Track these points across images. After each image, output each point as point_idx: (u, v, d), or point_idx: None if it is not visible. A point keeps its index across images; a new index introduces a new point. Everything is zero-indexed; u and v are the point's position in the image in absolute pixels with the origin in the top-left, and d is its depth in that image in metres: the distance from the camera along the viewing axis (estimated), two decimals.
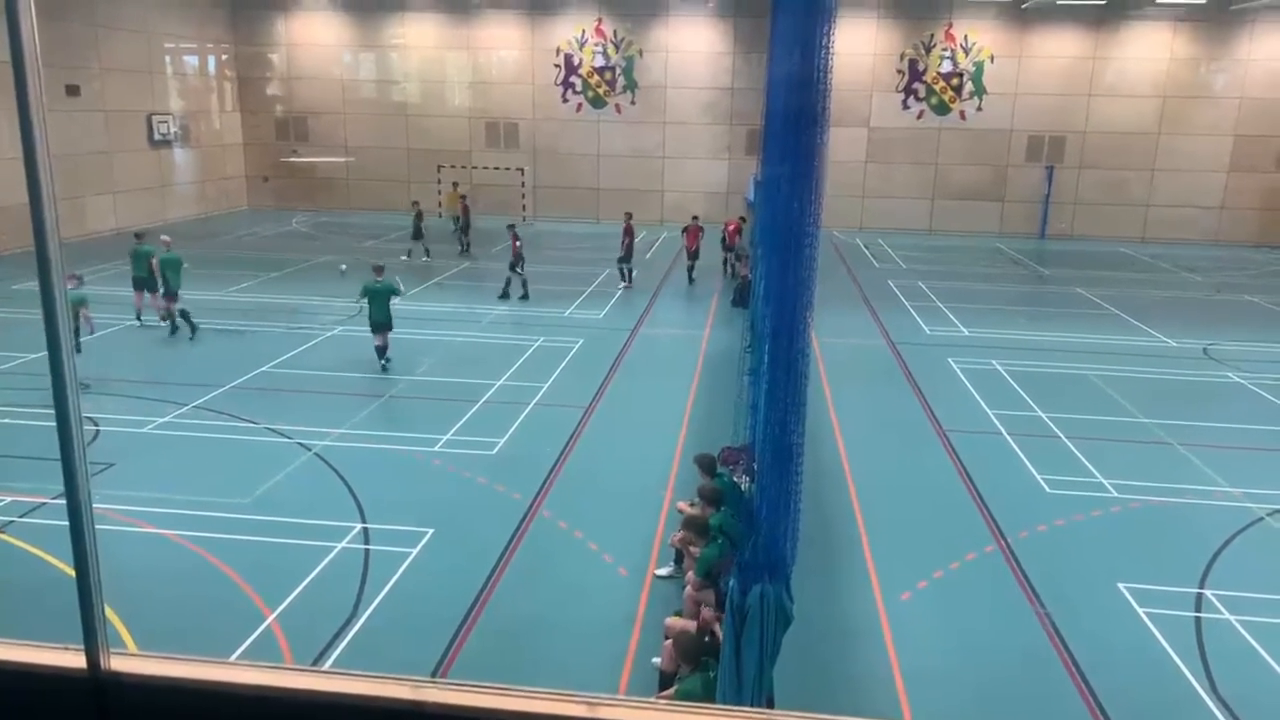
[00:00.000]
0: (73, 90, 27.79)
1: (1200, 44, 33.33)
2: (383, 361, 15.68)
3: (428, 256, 25.92)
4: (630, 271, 24.01)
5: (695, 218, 25.34)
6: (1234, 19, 32.72)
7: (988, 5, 33.66)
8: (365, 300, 15.58)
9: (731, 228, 25.30)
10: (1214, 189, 34.32)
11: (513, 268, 21.47)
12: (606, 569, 9.44)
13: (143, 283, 18.31)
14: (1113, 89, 33.92)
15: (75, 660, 1.67)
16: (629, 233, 23.64)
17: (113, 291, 20.97)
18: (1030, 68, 34.14)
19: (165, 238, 18.99)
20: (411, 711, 1.60)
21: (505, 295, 21.52)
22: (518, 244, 21.47)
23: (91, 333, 14.62)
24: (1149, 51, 33.54)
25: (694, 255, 24.48)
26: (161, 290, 17.64)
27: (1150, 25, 33.32)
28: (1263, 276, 28.05)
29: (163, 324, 17.90)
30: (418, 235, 26.11)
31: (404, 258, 25.87)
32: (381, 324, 15.55)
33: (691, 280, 24.50)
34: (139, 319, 18.66)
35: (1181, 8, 32.66)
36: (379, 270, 15.84)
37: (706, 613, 7.22)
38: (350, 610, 8.48)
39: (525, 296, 21.47)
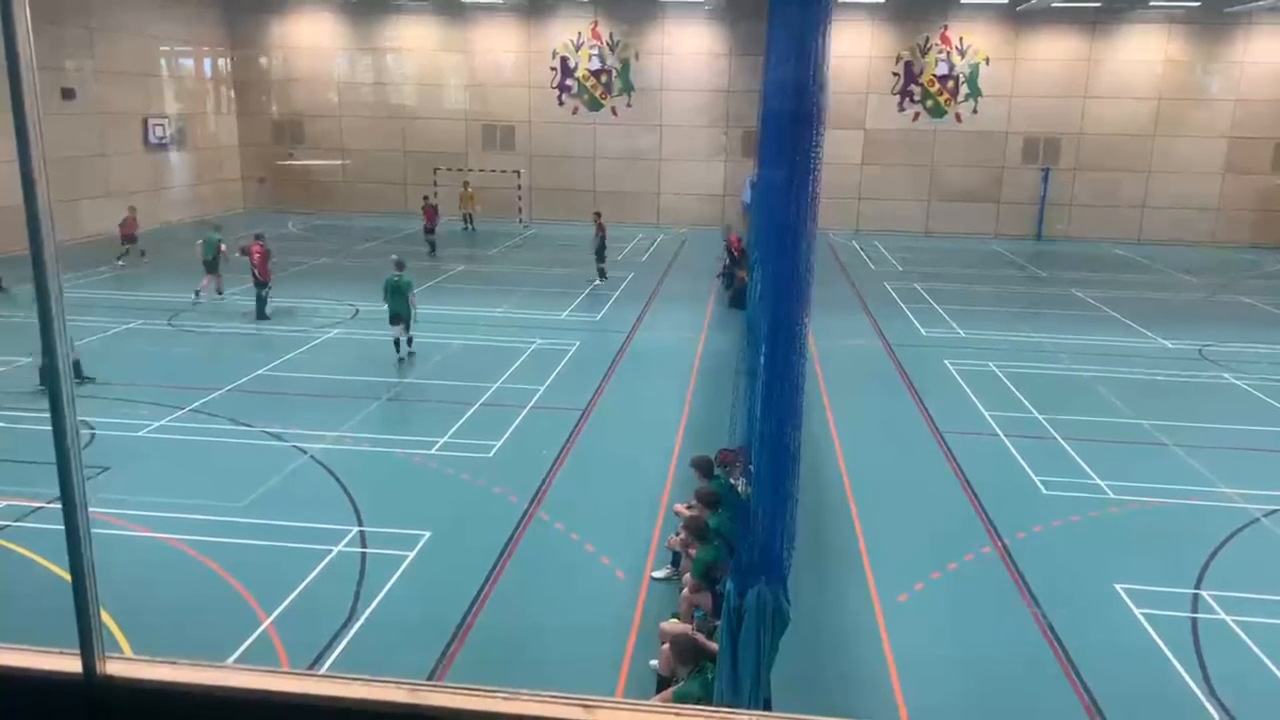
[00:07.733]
0: (68, 93, 27.72)
1: (1195, 46, 33.41)
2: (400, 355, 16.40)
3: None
4: (601, 270, 24.09)
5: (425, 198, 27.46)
6: (1229, 21, 32.79)
7: (983, 8, 33.72)
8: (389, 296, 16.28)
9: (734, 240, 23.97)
10: (1209, 191, 34.39)
11: (260, 284, 19.08)
12: (604, 571, 9.44)
13: (210, 266, 20.50)
14: (1108, 91, 33.98)
15: (71, 664, 1.67)
16: (600, 230, 23.86)
17: (109, 295, 20.94)
18: (1025, 70, 34.19)
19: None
20: (408, 715, 1.60)
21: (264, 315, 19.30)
22: (259, 256, 18.88)
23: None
24: (1144, 54, 33.61)
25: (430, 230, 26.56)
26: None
27: (1145, 28, 33.41)
28: (1258, 278, 28.10)
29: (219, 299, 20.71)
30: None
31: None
32: (394, 315, 16.26)
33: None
34: (197, 296, 20.54)
35: (1176, 10, 32.75)
36: (399, 266, 16.52)
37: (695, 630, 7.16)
38: (347, 613, 8.46)
39: (264, 315, 19.23)
